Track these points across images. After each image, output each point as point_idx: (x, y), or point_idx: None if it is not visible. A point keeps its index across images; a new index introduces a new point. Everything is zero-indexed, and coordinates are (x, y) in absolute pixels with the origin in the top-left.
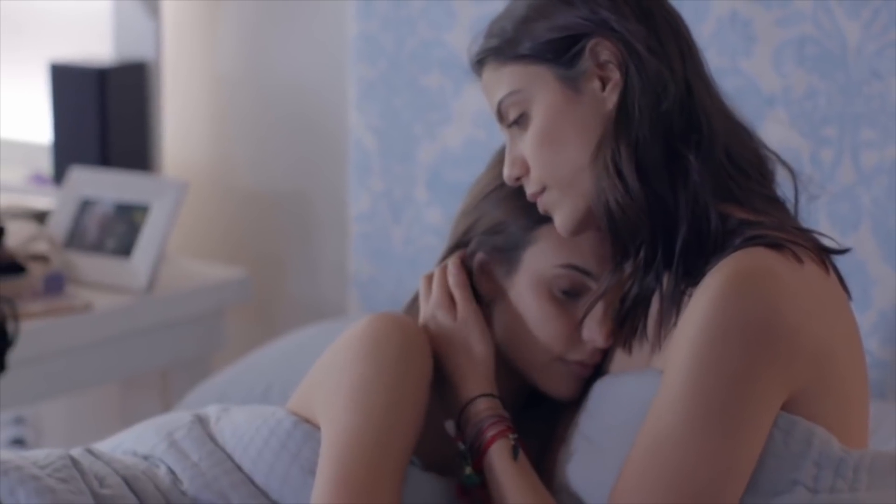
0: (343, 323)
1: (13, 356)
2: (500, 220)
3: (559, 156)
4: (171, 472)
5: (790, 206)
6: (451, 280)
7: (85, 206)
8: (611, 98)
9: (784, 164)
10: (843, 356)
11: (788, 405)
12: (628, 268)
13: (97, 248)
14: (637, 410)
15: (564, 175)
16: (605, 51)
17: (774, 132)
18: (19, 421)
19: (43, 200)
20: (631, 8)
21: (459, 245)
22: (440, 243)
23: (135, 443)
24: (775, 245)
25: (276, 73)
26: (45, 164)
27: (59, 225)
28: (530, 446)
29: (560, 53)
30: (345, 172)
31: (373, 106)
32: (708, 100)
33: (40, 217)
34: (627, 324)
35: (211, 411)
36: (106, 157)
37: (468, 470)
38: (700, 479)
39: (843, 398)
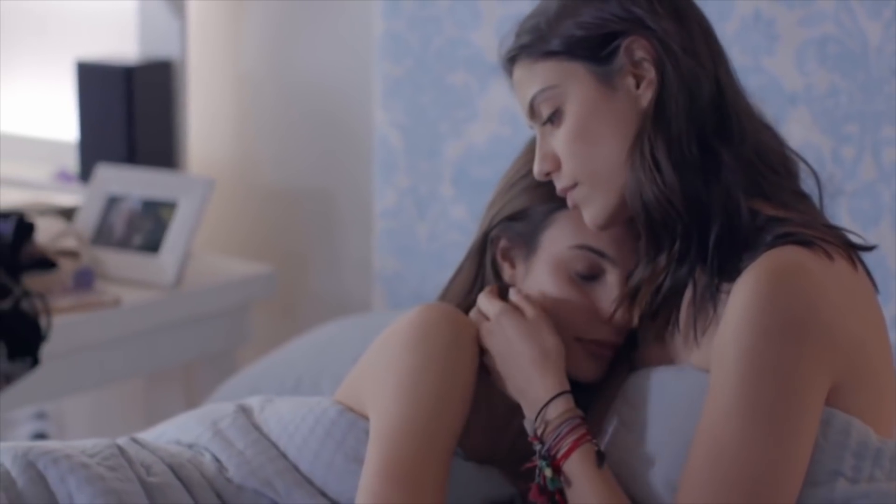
0: (370, 317)
1: (45, 350)
2: (523, 207)
3: (593, 150)
4: (217, 459)
5: (816, 201)
6: (513, 294)
7: (112, 202)
8: (645, 95)
9: (806, 164)
10: (875, 349)
11: (826, 398)
12: (662, 261)
13: (124, 244)
14: (677, 406)
15: (597, 169)
16: (640, 49)
17: (797, 130)
18: (41, 416)
19: (68, 198)
20: (664, 7)
21: (487, 232)
22: (465, 239)
23: (178, 432)
24: (806, 242)
25: (300, 71)
26: (71, 162)
27: (87, 221)
28: None
29: (595, 50)
30: (369, 169)
31: (398, 104)
32: (737, 99)
33: (66, 214)
34: (661, 316)
35: (254, 402)
36: (132, 154)
37: (549, 472)
38: (763, 479)
39: (875, 390)
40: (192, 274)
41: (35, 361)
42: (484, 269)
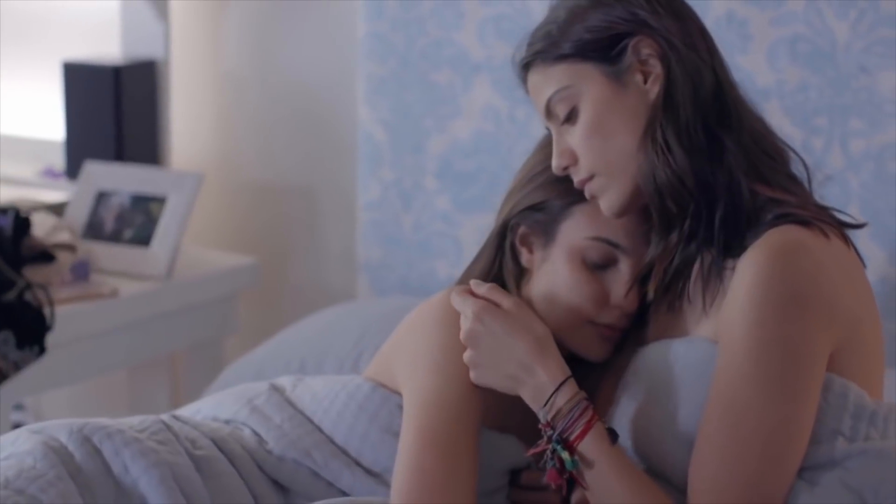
0: (366, 303)
1: (49, 340)
2: (542, 199)
3: (608, 143)
4: (256, 434)
5: (806, 185)
6: (483, 289)
7: (101, 198)
8: (653, 89)
9: (794, 152)
10: (867, 320)
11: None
12: (674, 238)
13: (115, 238)
14: (690, 373)
15: (612, 160)
16: (646, 47)
17: (769, 122)
18: (18, 407)
19: (55, 194)
20: (664, 8)
21: (507, 221)
22: (449, 229)
23: (214, 409)
24: (804, 222)
25: (282, 70)
26: (56, 160)
27: (77, 216)
28: None
29: (605, 51)
30: (352, 164)
31: (383, 101)
32: (732, 90)
33: (54, 210)
34: (671, 292)
35: (285, 381)
36: (118, 152)
37: (566, 455)
38: (778, 441)
39: (866, 358)
40: (179, 266)
41: (42, 350)
42: (502, 254)
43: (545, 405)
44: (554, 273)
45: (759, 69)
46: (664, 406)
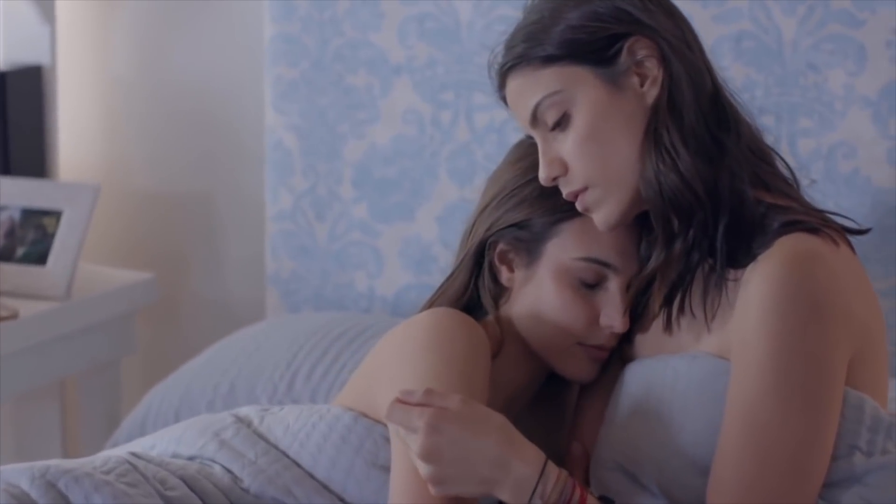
0: (287, 322)
1: None
2: (524, 217)
3: (605, 151)
4: (228, 471)
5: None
6: (417, 396)
7: None
8: (650, 93)
9: (779, 156)
10: (875, 329)
11: None
12: (678, 248)
13: (5, 256)
14: (691, 391)
15: (611, 168)
16: (643, 49)
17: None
18: None
19: None
20: (655, 5)
21: (485, 241)
22: (367, 239)
23: (175, 445)
24: (813, 229)
25: (177, 75)
26: None
27: None
28: (539, 429)
29: (598, 53)
30: (258, 172)
31: (293, 106)
32: (724, 92)
33: None
34: (673, 305)
35: (250, 412)
36: (5, 164)
37: None
38: (801, 452)
39: (876, 368)
40: (74, 284)
41: None
42: (479, 274)
43: (531, 498)
44: (539, 292)
45: None
46: (667, 426)
